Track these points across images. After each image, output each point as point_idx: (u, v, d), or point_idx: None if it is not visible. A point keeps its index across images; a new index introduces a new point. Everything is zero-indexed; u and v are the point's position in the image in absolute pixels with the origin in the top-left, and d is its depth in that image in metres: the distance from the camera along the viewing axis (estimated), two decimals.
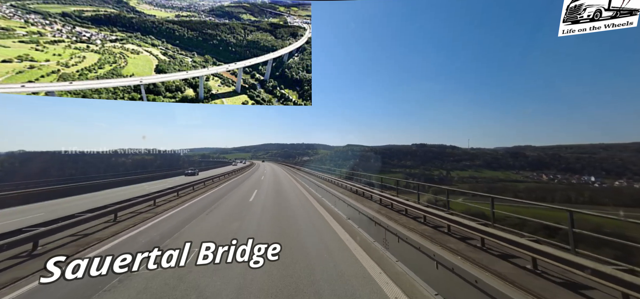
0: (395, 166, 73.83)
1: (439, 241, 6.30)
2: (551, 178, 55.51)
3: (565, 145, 63.81)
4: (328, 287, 4.50)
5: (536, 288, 4.08)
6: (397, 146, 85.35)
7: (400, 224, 7.43)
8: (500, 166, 65.22)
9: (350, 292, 4.39)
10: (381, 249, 6.74)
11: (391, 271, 5.44)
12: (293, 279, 4.69)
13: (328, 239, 7.24)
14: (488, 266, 4.85)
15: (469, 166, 67.87)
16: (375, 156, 78.96)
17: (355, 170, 36.75)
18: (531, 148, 68.72)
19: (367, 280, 4.85)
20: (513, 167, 62.99)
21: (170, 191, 15.42)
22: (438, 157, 73.48)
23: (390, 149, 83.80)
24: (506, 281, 4.31)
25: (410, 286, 4.80)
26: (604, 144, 57.73)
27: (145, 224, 8.81)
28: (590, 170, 51.66)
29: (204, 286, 4.67)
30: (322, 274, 4.93)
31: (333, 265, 5.40)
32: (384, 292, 4.46)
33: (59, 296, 4.32)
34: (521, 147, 70.95)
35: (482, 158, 68.84)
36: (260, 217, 9.91)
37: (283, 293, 4.40)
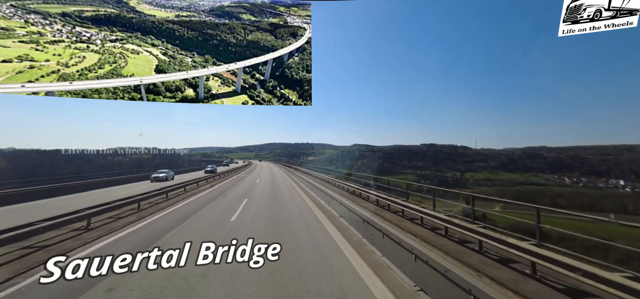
0: (406, 167, 71.72)
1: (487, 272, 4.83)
2: (575, 181, 51.13)
3: (585, 146, 60.10)
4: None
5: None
6: (405, 146, 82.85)
7: (427, 242, 6.54)
8: (517, 167, 61.54)
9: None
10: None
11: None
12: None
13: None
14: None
15: (483, 168, 64.86)
16: (383, 157, 76.81)
17: (364, 172, 35.66)
18: (546, 149, 65.25)
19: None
20: (531, 169, 58.82)
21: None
22: (449, 158, 70.91)
23: (399, 149, 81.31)
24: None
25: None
26: (628, 145, 53.51)
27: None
28: (618, 173, 47.44)
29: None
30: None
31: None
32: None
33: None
34: (535, 148, 67.66)
35: (496, 159, 65.96)
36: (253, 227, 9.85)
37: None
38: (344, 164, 70.98)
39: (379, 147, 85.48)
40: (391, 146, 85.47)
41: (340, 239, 7.61)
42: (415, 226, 7.95)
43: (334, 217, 10.32)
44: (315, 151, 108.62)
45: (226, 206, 12.24)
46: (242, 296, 4.39)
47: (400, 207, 9.50)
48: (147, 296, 4.39)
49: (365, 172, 61.02)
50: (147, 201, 12.78)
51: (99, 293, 4.45)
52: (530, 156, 63.49)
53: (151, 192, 13.59)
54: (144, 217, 9.86)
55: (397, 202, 9.94)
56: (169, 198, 14.35)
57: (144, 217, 9.86)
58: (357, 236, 7.86)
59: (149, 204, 12.47)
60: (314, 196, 15.99)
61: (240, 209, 11.54)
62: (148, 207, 11.75)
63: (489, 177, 60.27)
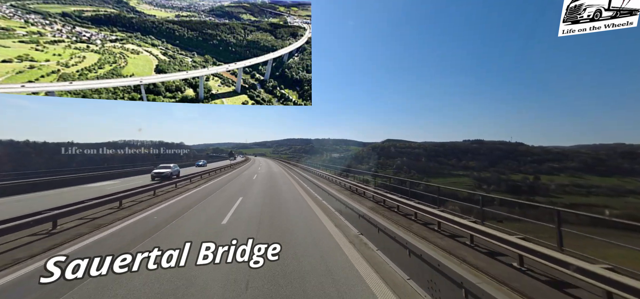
0: (456, 167, 59.55)
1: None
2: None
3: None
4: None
5: None
6: (450, 143, 69.76)
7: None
8: (609, 169, 47.00)
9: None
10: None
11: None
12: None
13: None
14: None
15: (559, 169, 51.28)
16: (426, 155, 65.11)
17: (406, 173, 26.29)
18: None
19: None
20: (631, 173, 45.16)
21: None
22: (508, 156, 57.89)
23: (443, 147, 68.57)
24: None
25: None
26: None
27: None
28: None
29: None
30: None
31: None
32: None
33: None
34: (624, 146, 52.07)
35: (575, 159, 51.70)
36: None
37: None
38: (377, 163, 61.58)
39: (419, 144, 72.90)
40: (435, 143, 72.25)
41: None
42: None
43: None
44: (339, 147, 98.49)
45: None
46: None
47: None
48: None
49: (410, 173, 50.68)
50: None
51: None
52: (628, 156, 48.22)
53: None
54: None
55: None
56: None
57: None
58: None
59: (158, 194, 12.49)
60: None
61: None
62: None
63: (578, 183, 46.40)
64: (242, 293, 4.48)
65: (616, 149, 53.50)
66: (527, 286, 4.43)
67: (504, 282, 4.56)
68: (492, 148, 61.99)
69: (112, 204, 10.94)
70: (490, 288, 3.60)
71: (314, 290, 4.61)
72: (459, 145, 68.13)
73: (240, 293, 4.47)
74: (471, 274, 4.05)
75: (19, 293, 4.58)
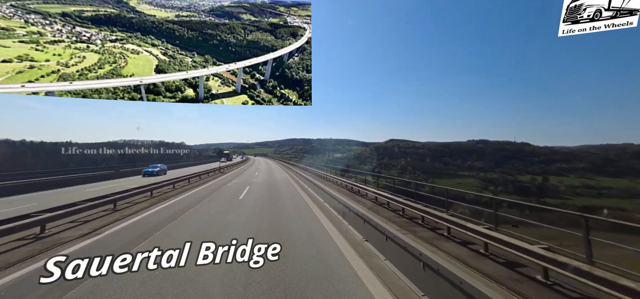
0: (461, 167, 58.21)
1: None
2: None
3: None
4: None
5: None
6: (455, 143, 68.46)
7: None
8: (620, 170, 45.30)
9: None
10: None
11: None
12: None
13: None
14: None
15: (567, 170, 49.58)
16: (430, 155, 63.89)
17: (410, 174, 26.28)
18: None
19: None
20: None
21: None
22: (514, 157, 56.40)
23: (448, 147, 67.13)
24: None
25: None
26: None
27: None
28: None
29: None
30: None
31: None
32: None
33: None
34: (634, 146, 50.00)
35: (584, 159, 50.01)
36: None
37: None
38: (381, 163, 60.39)
39: (423, 144, 71.44)
40: (439, 143, 70.86)
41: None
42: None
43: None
44: (341, 147, 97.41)
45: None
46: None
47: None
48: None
49: (414, 174, 48.78)
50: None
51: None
52: (638, 155, 46.25)
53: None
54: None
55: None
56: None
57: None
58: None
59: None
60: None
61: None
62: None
63: (589, 184, 44.80)
64: (242, 293, 4.48)
65: (626, 149, 51.89)
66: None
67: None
68: (498, 148, 60.83)
69: (106, 206, 10.37)
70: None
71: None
72: (464, 145, 67.00)
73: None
74: (497, 292, 3.56)
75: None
